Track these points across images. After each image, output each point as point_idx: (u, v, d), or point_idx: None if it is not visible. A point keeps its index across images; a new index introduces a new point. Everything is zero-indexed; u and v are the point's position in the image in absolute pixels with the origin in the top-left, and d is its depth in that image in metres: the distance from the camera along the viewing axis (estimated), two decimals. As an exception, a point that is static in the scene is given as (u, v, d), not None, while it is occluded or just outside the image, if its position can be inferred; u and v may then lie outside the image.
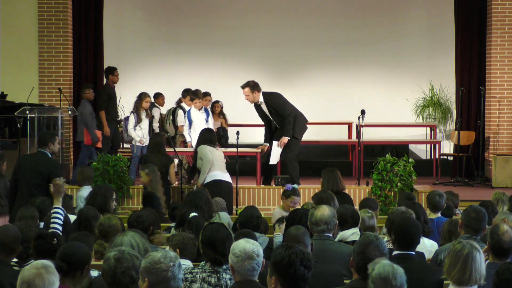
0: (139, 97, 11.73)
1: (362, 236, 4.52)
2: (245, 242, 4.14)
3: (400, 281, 3.74)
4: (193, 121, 11.11)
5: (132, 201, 10.51)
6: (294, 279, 3.76)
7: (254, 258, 4.07)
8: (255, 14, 15.63)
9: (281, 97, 10.98)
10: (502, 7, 12.51)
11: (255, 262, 4.07)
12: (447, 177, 12.57)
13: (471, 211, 5.69)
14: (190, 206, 7.02)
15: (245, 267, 4.06)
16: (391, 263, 3.85)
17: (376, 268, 3.78)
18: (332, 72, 15.66)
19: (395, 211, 6.07)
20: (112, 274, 3.76)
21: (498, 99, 12.61)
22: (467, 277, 4.26)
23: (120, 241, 4.46)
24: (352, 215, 6.19)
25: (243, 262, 4.06)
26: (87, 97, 11.90)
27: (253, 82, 10.77)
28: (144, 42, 15.66)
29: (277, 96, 10.98)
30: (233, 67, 15.61)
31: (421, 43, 15.63)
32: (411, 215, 5.86)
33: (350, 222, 6.12)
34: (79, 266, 4.29)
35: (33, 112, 10.79)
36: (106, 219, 5.81)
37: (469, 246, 4.32)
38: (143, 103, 11.62)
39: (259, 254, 4.10)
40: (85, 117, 11.70)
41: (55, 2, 12.26)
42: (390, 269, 3.75)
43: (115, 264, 3.76)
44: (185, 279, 4.68)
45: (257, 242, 4.22)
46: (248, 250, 4.07)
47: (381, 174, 10.40)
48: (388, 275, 3.73)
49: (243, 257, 4.06)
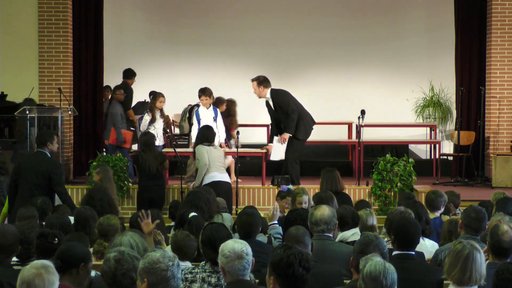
0: (153, 97, 11.70)
1: (362, 236, 4.53)
2: (233, 242, 4.15)
3: (391, 280, 3.73)
4: (201, 119, 11.06)
5: (132, 201, 10.50)
6: (293, 280, 3.76)
7: (243, 257, 4.08)
8: (255, 14, 15.63)
9: (287, 94, 10.99)
10: (502, 7, 12.51)
11: (245, 261, 4.08)
12: (447, 177, 12.56)
13: (471, 211, 5.69)
14: (190, 206, 7.02)
15: (235, 267, 4.07)
16: (383, 261, 3.84)
17: (367, 265, 3.77)
18: (332, 72, 15.66)
19: (394, 211, 6.06)
20: (112, 275, 3.77)
21: (498, 99, 12.60)
22: (467, 277, 4.25)
23: (119, 241, 4.46)
24: (352, 216, 6.19)
25: (233, 262, 4.07)
26: (118, 98, 12.05)
27: (263, 77, 10.90)
28: (144, 42, 15.65)
29: (283, 93, 11.00)
30: (233, 67, 15.61)
31: (421, 43, 15.63)
32: (410, 214, 5.85)
33: (350, 223, 6.12)
34: (74, 263, 4.29)
35: (33, 112, 10.80)
36: (105, 219, 5.81)
37: (470, 247, 4.32)
38: (157, 102, 11.56)
39: (248, 253, 4.10)
40: (115, 117, 11.85)
41: (55, 2, 12.25)
42: (382, 268, 3.74)
43: (116, 266, 3.75)
44: (185, 279, 4.68)
45: (244, 241, 4.23)
46: (237, 249, 4.08)
47: (381, 174, 10.40)
48: (379, 275, 3.72)
49: (233, 257, 4.07)
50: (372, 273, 3.72)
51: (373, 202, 10.34)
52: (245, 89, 14.90)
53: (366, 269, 3.75)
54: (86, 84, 12.58)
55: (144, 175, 9.78)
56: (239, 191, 10.40)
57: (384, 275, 3.71)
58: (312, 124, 11.11)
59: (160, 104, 11.58)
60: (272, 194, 10.64)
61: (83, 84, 12.56)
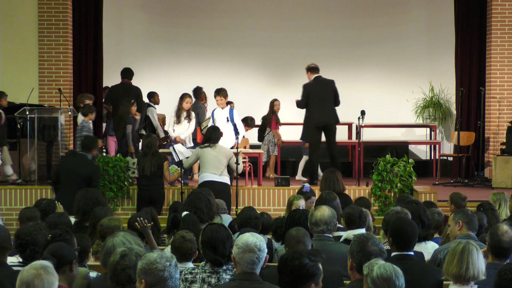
0: (181, 98, 11.58)
1: (356, 236, 4.52)
2: (249, 235, 4.16)
3: (402, 281, 3.76)
4: (215, 119, 11.06)
5: (132, 201, 10.50)
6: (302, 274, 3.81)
7: (254, 251, 4.08)
8: (255, 14, 15.64)
9: (304, 88, 11.35)
10: (502, 7, 12.51)
11: (255, 256, 4.08)
12: (447, 177, 12.56)
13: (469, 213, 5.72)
14: (190, 207, 7.03)
15: (244, 259, 4.08)
16: (389, 263, 3.85)
17: (375, 268, 3.77)
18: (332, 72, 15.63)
19: (390, 212, 6.00)
20: (113, 269, 3.81)
21: (498, 99, 12.60)
22: (464, 270, 4.26)
23: (112, 243, 4.48)
24: (359, 216, 6.18)
25: (243, 254, 4.08)
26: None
27: (313, 65, 11.51)
28: (144, 42, 15.66)
29: (304, 84, 11.41)
30: (232, 67, 15.61)
31: (421, 43, 15.63)
32: (406, 214, 5.80)
33: (357, 222, 6.11)
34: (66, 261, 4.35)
35: (33, 113, 10.79)
36: (106, 220, 5.82)
37: (465, 242, 4.38)
38: (184, 103, 11.49)
39: (261, 249, 4.11)
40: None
41: (55, 2, 12.25)
42: (392, 269, 3.76)
43: (118, 261, 3.80)
44: (185, 279, 4.68)
45: (262, 237, 4.23)
46: (250, 243, 4.09)
47: (381, 175, 10.40)
48: (392, 275, 3.74)
49: (244, 249, 4.09)
50: (384, 275, 3.73)
51: (373, 202, 10.33)
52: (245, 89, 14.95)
53: (375, 272, 3.75)
54: (86, 84, 12.58)
55: (142, 176, 9.82)
56: (239, 192, 10.38)
57: (396, 275, 3.74)
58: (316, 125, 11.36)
59: (187, 105, 11.50)
60: (272, 194, 10.63)
61: (83, 84, 12.56)
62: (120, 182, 10.50)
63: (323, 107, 11.20)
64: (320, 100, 11.19)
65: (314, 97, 11.17)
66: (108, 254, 4.42)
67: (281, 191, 10.59)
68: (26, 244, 5.01)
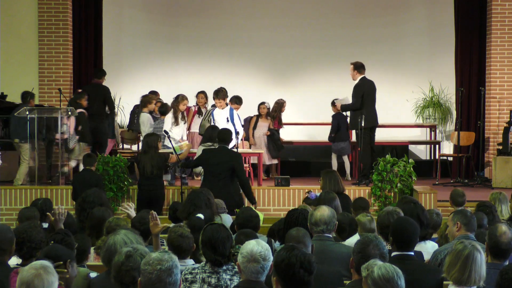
0: (176, 99, 11.56)
1: (362, 236, 4.52)
2: (255, 244, 4.08)
3: (403, 281, 3.76)
4: (215, 119, 11.08)
5: (132, 201, 10.49)
6: (293, 282, 3.76)
7: (259, 261, 4.02)
8: (255, 14, 15.63)
9: (357, 88, 11.49)
10: (502, 7, 12.51)
11: (260, 266, 4.02)
12: (447, 177, 12.56)
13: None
14: (190, 205, 7.03)
15: (249, 269, 4.04)
16: (389, 263, 3.85)
17: (376, 269, 3.77)
18: (332, 72, 15.65)
19: (381, 213, 5.93)
20: (118, 269, 3.83)
21: (498, 99, 12.60)
22: (466, 276, 4.25)
23: (113, 241, 4.47)
24: (350, 223, 6.17)
25: (248, 264, 4.03)
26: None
27: (360, 63, 11.68)
28: (144, 42, 15.65)
29: (356, 85, 11.55)
30: (233, 67, 15.60)
31: (421, 43, 15.62)
32: (399, 213, 5.77)
33: (347, 230, 6.11)
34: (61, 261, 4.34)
35: (33, 113, 10.80)
36: (114, 219, 5.85)
37: (471, 247, 4.32)
38: (181, 105, 11.48)
39: (265, 258, 4.03)
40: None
41: (55, 2, 12.26)
42: (392, 269, 3.76)
43: (123, 261, 3.82)
44: (185, 279, 4.68)
45: (267, 246, 4.15)
46: (254, 252, 4.03)
47: (381, 175, 10.40)
48: (393, 275, 3.73)
49: (249, 258, 4.03)
50: (386, 275, 3.72)
51: (373, 202, 10.33)
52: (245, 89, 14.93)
53: (376, 273, 3.74)
54: (86, 84, 12.57)
55: (142, 176, 9.82)
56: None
57: (398, 275, 3.73)
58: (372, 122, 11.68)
59: (183, 107, 11.50)
60: (272, 194, 10.63)
61: (83, 84, 12.55)
62: (120, 182, 10.50)
63: (374, 108, 11.54)
64: (371, 101, 11.49)
65: (367, 97, 11.37)
66: (109, 251, 4.43)
67: (281, 191, 10.59)
68: (22, 242, 5.01)
